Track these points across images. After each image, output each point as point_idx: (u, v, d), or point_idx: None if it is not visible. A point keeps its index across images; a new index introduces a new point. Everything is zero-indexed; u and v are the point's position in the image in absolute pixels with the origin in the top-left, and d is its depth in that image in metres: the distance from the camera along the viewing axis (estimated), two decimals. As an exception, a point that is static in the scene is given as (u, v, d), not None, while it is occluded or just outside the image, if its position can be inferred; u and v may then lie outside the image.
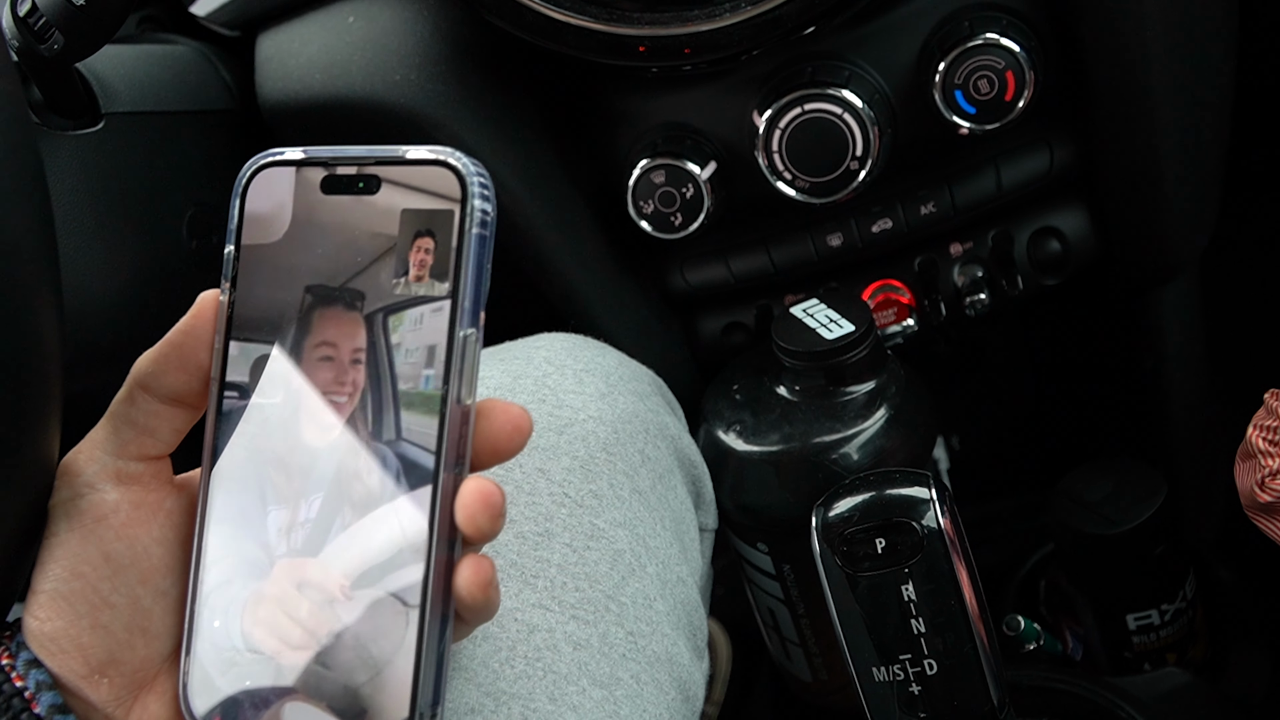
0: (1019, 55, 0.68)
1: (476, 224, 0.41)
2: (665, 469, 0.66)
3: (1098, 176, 0.76)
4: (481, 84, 0.75)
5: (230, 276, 0.44)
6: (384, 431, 0.42)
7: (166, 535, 0.44)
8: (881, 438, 0.69)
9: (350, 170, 0.43)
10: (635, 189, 0.74)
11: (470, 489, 0.41)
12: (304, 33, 0.77)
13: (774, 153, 0.72)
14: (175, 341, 0.43)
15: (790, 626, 0.77)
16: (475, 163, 0.42)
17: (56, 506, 0.44)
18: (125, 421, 0.44)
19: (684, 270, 0.82)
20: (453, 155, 0.42)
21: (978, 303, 0.78)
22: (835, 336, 0.69)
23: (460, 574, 0.41)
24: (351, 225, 0.43)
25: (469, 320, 0.41)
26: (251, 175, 0.44)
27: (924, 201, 0.78)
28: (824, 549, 0.58)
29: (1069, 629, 0.85)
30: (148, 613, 0.43)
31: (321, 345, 0.43)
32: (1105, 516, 0.76)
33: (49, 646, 0.42)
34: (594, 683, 0.56)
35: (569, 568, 0.58)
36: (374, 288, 0.42)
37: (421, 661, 0.40)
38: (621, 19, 0.68)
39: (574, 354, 0.66)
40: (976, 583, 0.59)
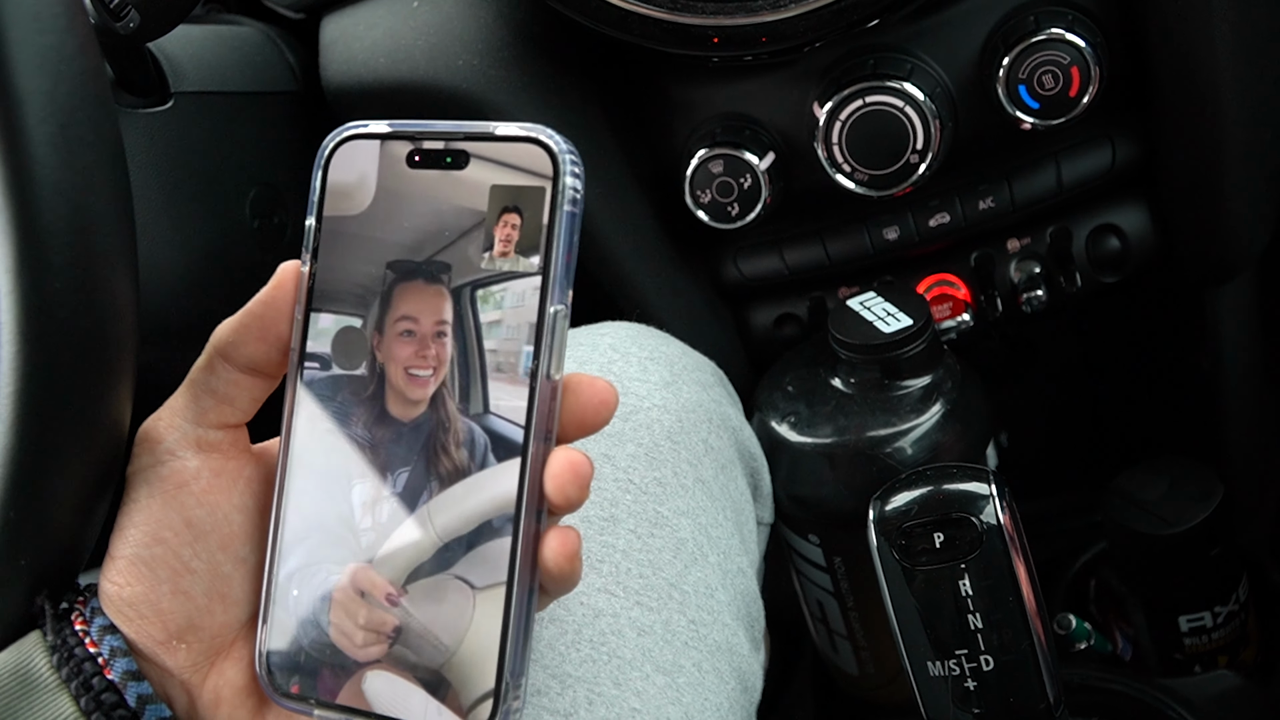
0: (1085, 51, 0.68)
1: (568, 201, 0.41)
2: (727, 459, 0.66)
3: (1160, 174, 0.76)
4: (543, 71, 0.75)
5: (311, 248, 0.44)
6: (471, 405, 0.42)
7: (246, 503, 0.45)
8: (937, 432, 0.69)
9: (438, 145, 0.43)
10: (693, 178, 0.74)
11: (560, 459, 0.41)
12: (369, 16, 0.78)
13: (834, 145, 0.71)
14: (255, 312, 0.44)
15: (839, 619, 0.77)
16: (566, 140, 0.42)
17: (136, 473, 0.45)
18: (205, 389, 0.44)
19: (738, 260, 0.82)
20: (544, 133, 0.42)
21: (1034, 299, 0.78)
22: (893, 330, 0.69)
23: (548, 544, 0.41)
24: (438, 199, 0.43)
25: (559, 296, 0.42)
26: (335, 147, 0.44)
27: (983, 196, 0.77)
28: (881, 542, 0.58)
29: (1119, 629, 0.85)
30: (227, 579, 0.44)
31: (406, 319, 0.43)
32: (1160, 517, 0.75)
33: (126, 612, 0.43)
34: (657, 669, 0.56)
35: (633, 554, 0.59)
36: (461, 262, 0.42)
37: (509, 632, 0.41)
38: (687, 9, 0.68)
39: (638, 342, 0.67)
40: (1035, 580, 0.58)
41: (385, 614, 0.42)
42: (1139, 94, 0.74)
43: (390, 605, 0.42)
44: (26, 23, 0.42)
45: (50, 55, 0.42)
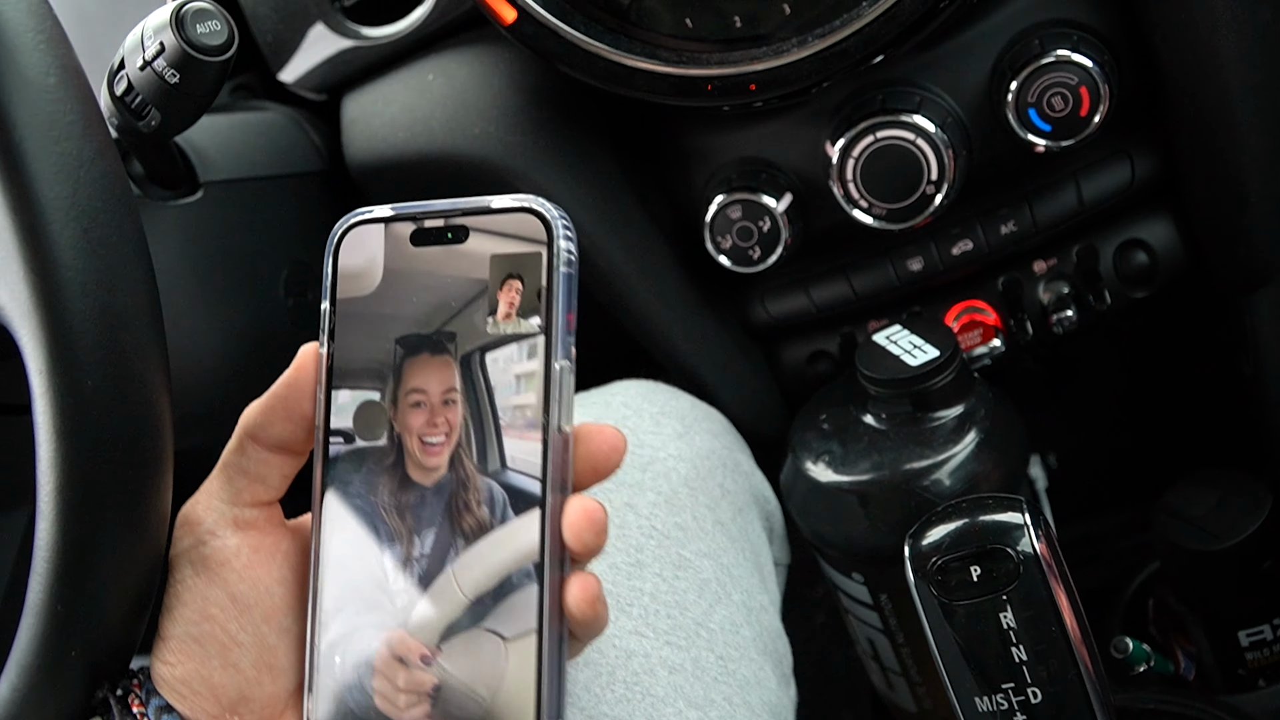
0: (1092, 70, 0.68)
1: (564, 263, 0.44)
2: (743, 503, 0.69)
3: (1181, 186, 0.75)
4: (557, 131, 0.77)
5: (328, 330, 0.46)
6: (489, 463, 0.44)
7: (285, 575, 0.47)
8: (973, 462, 0.69)
9: (438, 223, 0.45)
10: (712, 225, 0.75)
11: (575, 507, 0.43)
12: (387, 93, 0.80)
13: (849, 182, 0.72)
14: (280, 394, 0.46)
15: (891, 656, 0.77)
16: (557, 207, 0.44)
17: (179, 555, 0.47)
18: (238, 471, 0.47)
19: (765, 301, 0.83)
20: (536, 202, 0.44)
21: (1065, 320, 0.77)
22: (920, 362, 0.69)
23: (570, 591, 0.43)
24: (442, 273, 0.45)
25: (563, 352, 0.44)
26: (343, 234, 0.46)
27: (1004, 221, 0.77)
28: (918, 579, 0.58)
29: (1180, 648, 0.83)
30: (273, 650, 0.46)
31: (416, 391, 0.45)
32: (1210, 531, 0.74)
33: (180, 690, 0.45)
34: (689, 705, 0.57)
35: (660, 596, 0.60)
36: (468, 330, 0.45)
37: (543, 680, 0.42)
38: (691, 61, 0.69)
39: (649, 398, 0.70)
40: (1078, 607, 0.58)
41: (424, 674, 0.44)
42: (1153, 107, 0.73)
43: (427, 665, 0.44)
44: (44, 131, 0.44)
45: (69, 161, 0.45)
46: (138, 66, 0.59)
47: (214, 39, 0.58)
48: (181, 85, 0.58)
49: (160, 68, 0.58)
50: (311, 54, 0.82)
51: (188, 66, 0.58)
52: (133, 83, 0.60)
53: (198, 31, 0.58)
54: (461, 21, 0.78)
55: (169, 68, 0.58)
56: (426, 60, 0.79)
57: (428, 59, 0.79)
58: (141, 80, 0.59)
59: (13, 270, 0.44)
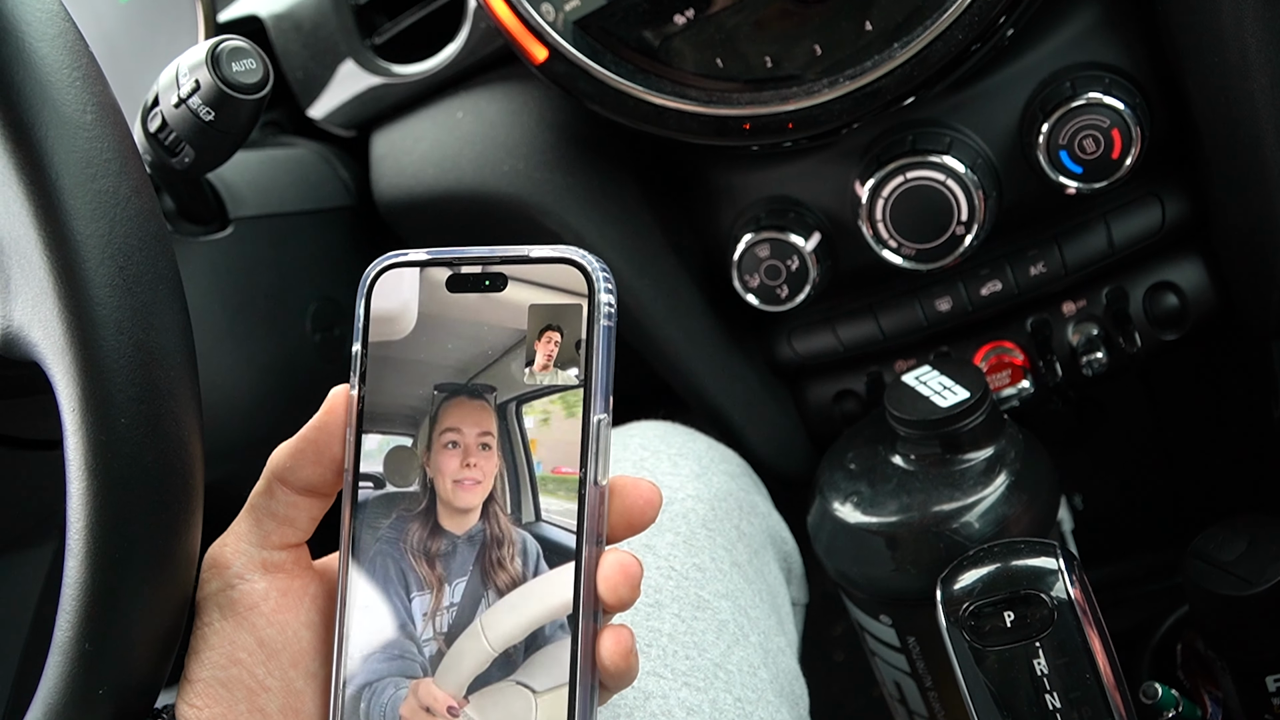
0: (1124, 113, 0.68)
1: (604, 316, 0.44)
2: (760, 544, 0.69)
3: (1212, 229, 0.75)
4: (586, 169, 0.77)
5: (359, 373, 0.46)
6: (523, 514, 0.44)
7: (313, 619, 0.46)
8: (1003, 505, 0.68)
9: (475, 269, 0.45)
10: (740, 263, 0.75)
11: (611, 562, 0.43)
12: (416, 130, 0.80)
13: (878, 222, 0.72)
14: (309, 436, 0.46)
15: (919, 700, 0.76)
16: (599, 258, 0.44)
17: (207, 598, 0.46)
18: (266, 513, 0.46)
19: (792, 339, 0.83)
20: (578, 253, 0.44)
21: (1095, 362, 0.77)
22: (950, 404, 0.69)
23: (603, 644, 0.42)
24: (479, 321, 0.45)
25: (602, 405, 0.44)
26: (376, 276, 0.46)
27: (1033, 262, 0.77)
28: (950, 624, 0.58)
29: (1208, 693, 0.82)
30: (300, 694, 0.46)
31: (450, 431, 0.45)
32: (1240, 577, 0.73)
33: None
34: None
35: (679, 637, 0.60)
36: (504, 379, 0.44)
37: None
38: (721, 100, 0.69)
39: (666, 440, 0.70)
40: (1111, 653, 0.57)
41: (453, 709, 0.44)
42: (1184, 151, 0.73)
43: (454, 717, 0.44)
44: (81, 168, 0.44)
45: (106, 199, 0.45)
46: (172, 104, 0.60)
47: (249, 77, 0.58)
48: (216, 123, 0.59)
49: (195, 105, 0.59)
50: (341, 90, 0.83)
51: (223, 104, 0.58)
52: (167, 120, 0.60)
53: (233, 70, 0.58)
54: (492, 60, 0.78)
55: (204, 105, 0.58)
56: (456, 98, 0.80)
57: (457, 96, 0.80)
58: (176, 117, 0.60)
59: (47, 307, 0.44)
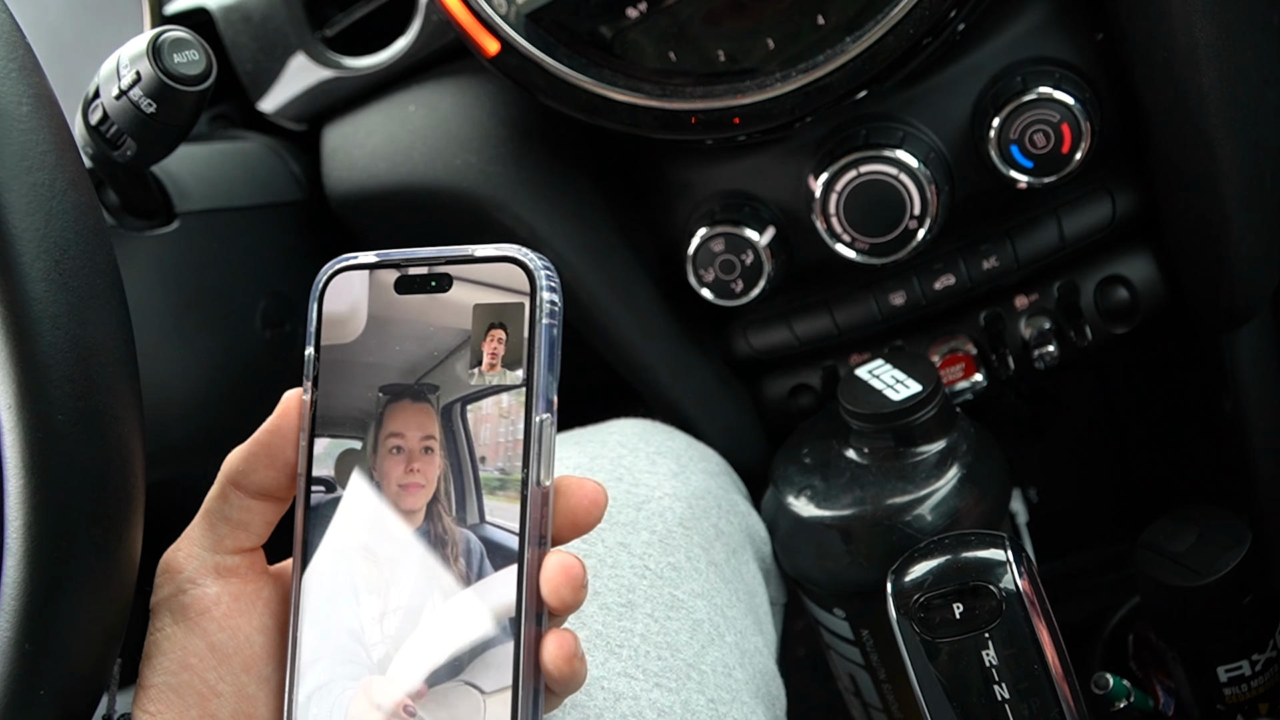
0: (1074, 108, 0.68)
1: (546, 314, 0.44)
2: (738, 543, 0.68)
3: (1162, 222, 0.76)
4: (540, 163, 0.76)
5: (311, 376, 0.46)
6: (468, 516, 0.44)
7: (266, 623, 0.46)
8: (955, 497, 0.69)
9: (421, 270, 0.45)
10: (695, 258, 0.75)
11: (553, 563, 0.43)
12: (368, 123, 0.79)
13: (832, 216, 0.72)
14: (263, 440, 0.46)
15: (873, 692, 0.76)
16: (541, 257, 0.44)
17: (160, 603, 0.46)
18: (220, 518, 0.46)
19: (748, 334, 0.83)
20: (520, 251, 0.44)
21: (1046, 355, 0.77)
22: (902, 397, 0.69)
23: (546, 648, 0.42)
24: (425, 322, 0.45)
25: (544, 406, 0.44)
26: (328, 280, 0.46)
27: (986, 256, 0.77)
28: (900, 616, 0.58)
29: (1160, 684, 0.83)
30: (253, 700, 0.45)
31: (394, 436, 0.45)
32: (1190, 567, 0.74)
33: None
34: None
35: (651, 637, 0.60)
36: (450, 379, 0.44)
37: None
38: (674, 94, 0.69)
39: (645, 438, 0.70)
40: (1060, 644, 0.57)
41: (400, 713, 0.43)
42: (1135, 145, 0.74)
43: (405, 716, 0.43)
44: (16, 162, 0.44)
45: (42, 192, 0.44)
46: (113, 95, 0.59)
47: (192, 68, 0.57)
48: (158, 115, 0.58)
49: (136, 97, 0.58)
50: (292, 84, 0.82)
51: (165, 96, 0.57)
52: (108, 112, 0.59)
53: (175, 61, 0.57)
54: (444, 53, 0.77)
55: (145, 97, 0.57)
56: (408, 91, 0.79)
57: (409, 90, 0.79)
58: (117, 110, 0.59)
59: (-18, 302, 0.43)
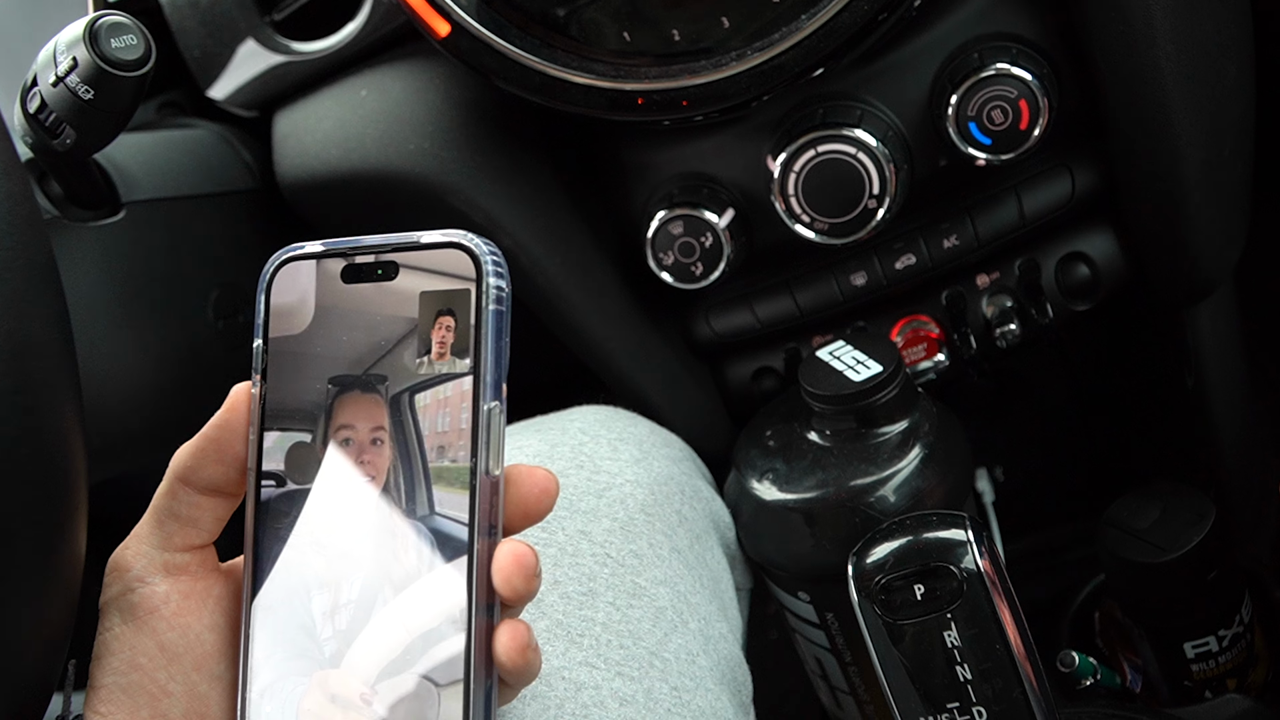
0: (1031, 84, 0.68)
1: (493, 301, 0.43)
2: (701, 529, 0.68)
3: (1121, 199, 0.75)
4: (495, 147, 0.75)
5: (260, 369, 0.45)
6: (417, 507, 0.43)
7: (218, 621, 0.46)
8: (917, 478, 0.68)
9: (368, 259, 0.44)
10: (654, 241, 0.74)
11: (504, 552, 0.42)
12: (319, 109, 0.78)
13: (790, 196, 0.71)
14: (211, 435, 0.45)
15: (839, 675, 0.76)
16: (488, 242, 0.44)
17: (109, 602, 0.46)
18: (168, 514, 0.45)
19: (709, 318, 0.82)
20: (465, 237, 0.43)
21: (1008, 334, 0.77)
22: (863, 378, 0.69)
23: (498, 639, 0.42)
24: (373, 311, 0.44)
25: (492, 394, 0.43)
26: (274, 271, 0.45)
27: (946, 234, 0.77)
28: (862, 599, 0.57)
29: (1127, 660, 0.83)
30: (204, 698, 0.45)
31: (344, 428, 0.44)
32: (1154, 544, 0.74)
33: None
34: None
35: (613, 625, 0.59)
36: (398, 369, 0.44)
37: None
38: (628, 74, 0.68)
39: (607, 424, 0.69)
40: (1022, 624, 0.57)
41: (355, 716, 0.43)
42: (1093, 122, 0.73)
43: (358, 706, 0.43)
44: (-54, 153, 0.42)
45: None
46: (50, 83, 0.57)
47: (129, 53, 0.56)
48: (96, 102, 0.57)
49: (73, 84, 0.56)
50: (242, 70, 0.80)
51: (102, 82, 0.56)
52: (45, 100, 0.58)
53: (112, 46, 0.56)
54: (395, 36, 0.76)
55: (82, 84, 0.56)
56: (360, 76, 0.78)
57: (361, 74, 0.78)
58: (54, 97, 0.57)
59: (-89, 296, 0.42)
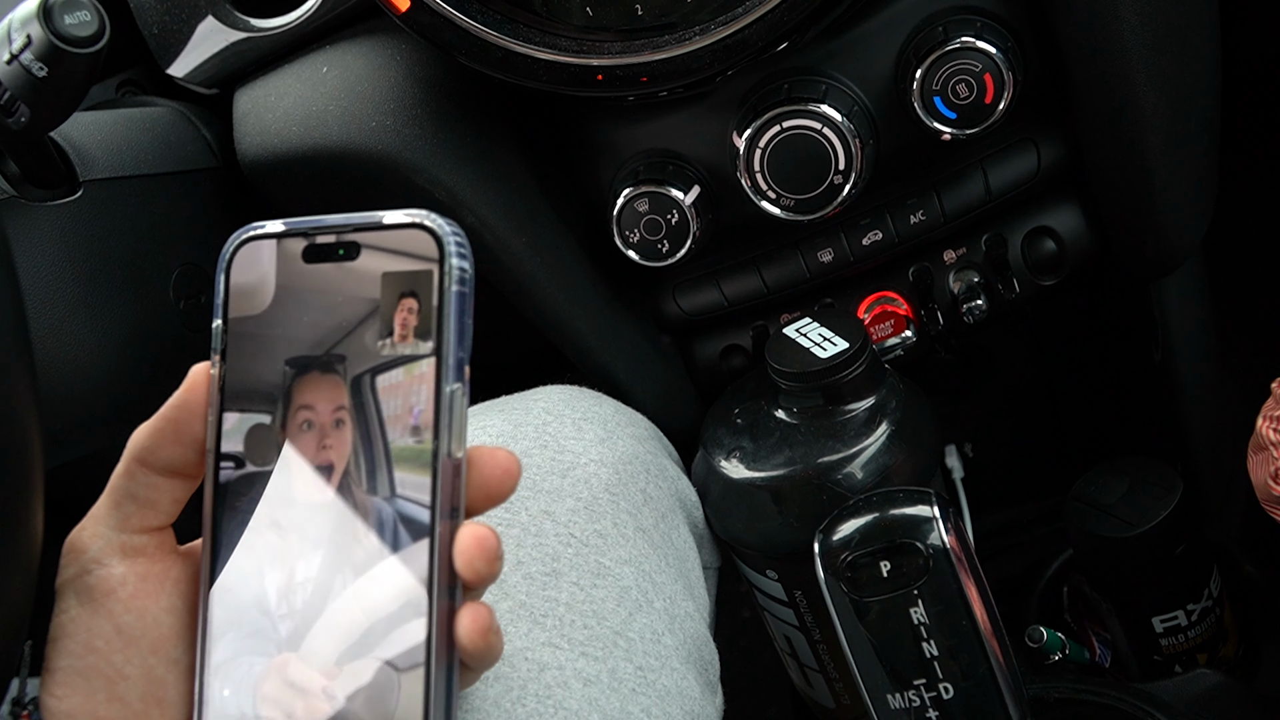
0: (996, 57, 0.67)
1: (455, 282, 0.42)
2: (667, 508, 0.67)
3: (1087, 173, 0.75)
4: (459, 124, 0.74)
5: (219, 349, 0.45)
6: (379, 489, 0.43)
7: (175, 604, 0.45)
8: (885, 454, 0.68)
9: (330, 239, 0.44)
10: (620, 218, 0.74)
11: (466, 535, 0.41)
12: (280, 86, 0.77)
13: (756, 173, 0.71)
14: (169, 416, 0.45)
15: (808, 653, 0.76)
16: (450, 222, 0.43)
17: (65, 584, 0.45)
18: (126, 495, 0.45)
19: (677, 296, 0.82)
20: (428, 217, 0.43)
21: (975, 309, 0.77)
22: (829, 355, 0.68)
23: (460, 622, 0.41)
24: (334, 291, 0.44)
25: (454, 375, 0.42)
26: (234, 250, 0.45)
27: (913, 210, 0.76)
28: (829, 576, 0.57)
29: (1096, 635, 0.83)
30: (161, 682, 0.44)
31: (305, 409, 0.44)
32: (1122, 518, 0.74)
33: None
34: (605, 718, 0.56)
35: (577, 606, 0.59)
36: (360, 351, 0.43)
37: (430, 712, 0.41)
38: (590, 49, 0.67)
39: (571, 404, 0.68)
40: (988, 600, 0.57)
41: (314, 702, 0.43)
42: (1058, 95, 0.73)
43: (318, 693, 0.42)
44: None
45: None
46: (4, 60, 0.56)
47: (83, 30, 0.55)
48: (50, 79, 0.56)
49: (27, 61, 0.56)
50: (201, 48, 0.79)
51: (56, 59, 0.55)
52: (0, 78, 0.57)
53: (66, 23, 0.55)
54: (356, 11, 0.75)
55: (36, 61, 0.55)
56: (321, 52, 0.76)
57: (322, 51, 0.76)
58: (8, 74, 0.57)
59: None
